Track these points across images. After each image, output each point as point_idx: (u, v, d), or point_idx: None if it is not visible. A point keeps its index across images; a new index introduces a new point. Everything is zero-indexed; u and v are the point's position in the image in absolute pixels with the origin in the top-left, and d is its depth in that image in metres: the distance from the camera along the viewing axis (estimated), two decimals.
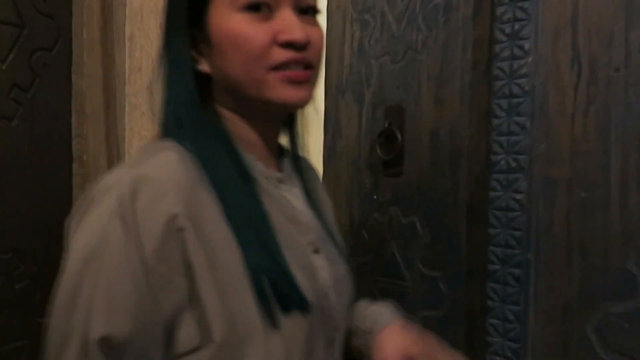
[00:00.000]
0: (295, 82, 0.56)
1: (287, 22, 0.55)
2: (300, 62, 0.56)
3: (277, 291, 0.50)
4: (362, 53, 1.10)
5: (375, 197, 1.08)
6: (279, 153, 0.68)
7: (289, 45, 0.55)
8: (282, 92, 0.56)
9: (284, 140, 0.72)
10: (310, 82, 0.58)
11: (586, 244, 0.84)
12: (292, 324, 0.52)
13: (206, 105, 0.59)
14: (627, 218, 0.80)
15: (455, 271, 0.95)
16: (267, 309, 0.50)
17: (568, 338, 0.85)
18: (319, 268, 0.61)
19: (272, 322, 0.50)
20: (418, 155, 1.00)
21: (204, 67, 0.59)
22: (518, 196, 0.86)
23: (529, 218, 0.87)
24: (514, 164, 0.87)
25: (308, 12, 0.59)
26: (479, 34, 0.92)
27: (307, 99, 0.58)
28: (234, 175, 0.54)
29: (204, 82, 0.60)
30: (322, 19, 1.14)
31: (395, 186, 1.05)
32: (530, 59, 0.85)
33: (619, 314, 0.81)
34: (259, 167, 0.61)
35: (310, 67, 0.57)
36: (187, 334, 0.49)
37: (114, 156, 1.19)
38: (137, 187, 0.48)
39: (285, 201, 0.62)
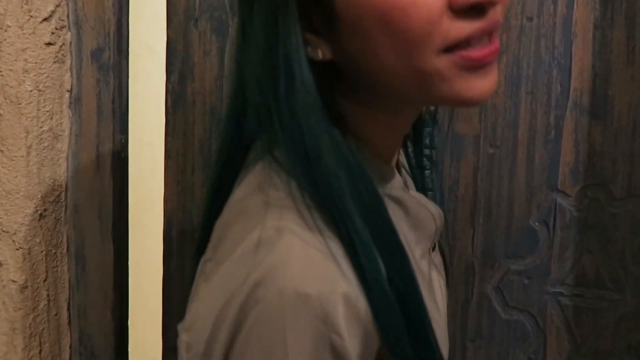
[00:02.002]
0: (480, 67, 0.35)
1: None
2: (487, 31, 0.35)
3: None
4: None
5: None
6: None
7: (471, 9, 0.33)
8: (462, 85, 0.34)
9: None
10: (497, 59, 0.37)
11: (491, 202, 0.81)
12: None
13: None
14: (531, 175, 0.79)
15: None
16: None
17: (469, 299, 0.82)
18: (434, 282, 0.48)
19: None
20: None
21: (324, 53, 0.37)
22: (430, 152, 0.79)
23: (439, 176, 0.81)
24: (425, 117, 0.80)
25: None
26: None
27: (496, 89, 0.37)
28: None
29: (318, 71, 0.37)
30: None
31: None
32: None
33: (519, 270, 0.81)
34: (386, 174, 0.43)
35: (495, 31, 0.36)
36: None
37: None
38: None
39: (424, 214, 0.46)
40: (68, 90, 0.77)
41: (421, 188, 0.57)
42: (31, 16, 0.72)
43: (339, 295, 0.32)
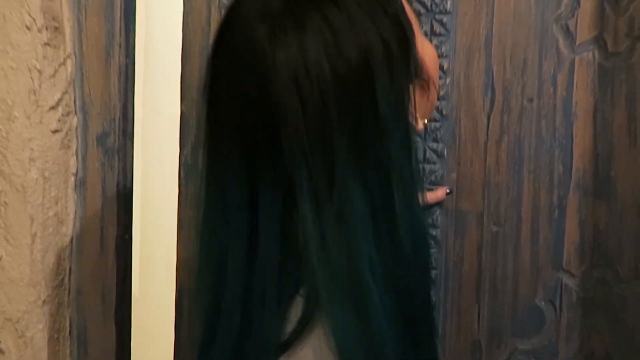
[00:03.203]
0: None
1: None
2: None
3: None
4: None
5: None
6: None
7: None
8: None
9: None
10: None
11: (496, 280, 0.80)
12: None
13: None
14: (536, 253, 0.79)
15: None
16: None
17: None
18: None
19: None
20: None
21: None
22: (434, 232, 0.79)
23: (443, 255, 0.81)
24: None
25: None
26: None
27: None
28: None
29: None
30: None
31: None
32: (449, 80, 0.78)
33: (526, 350, 0.79)
34: None
35: None
36: None
37: None
38: None
39: None
40: (73, 174, 0.78)
41: None
42: (38, 105, 0.73)
43: None
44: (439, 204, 0.80)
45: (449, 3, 0.75)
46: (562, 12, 0.75)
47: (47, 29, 0.73)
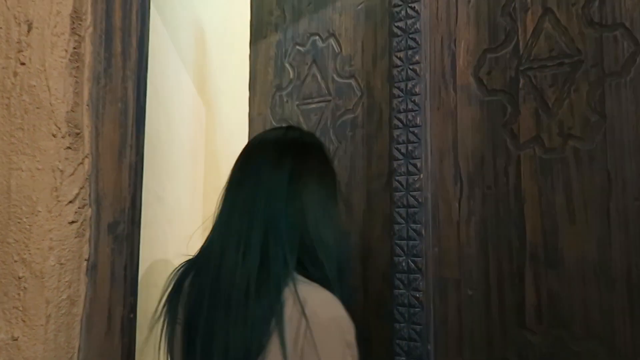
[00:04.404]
0: None
1: None
2: None
3: None
4: None
5: None
6: None
7: None
8: None
9: None
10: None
11: (474, 336, 0.91)
12: None
13: None
14: (503, 314, 0.90)
15: None
16: None
17: None
18: None
19: None
20: None
21: None
22: (417, 294, 0.91)
23: (427, 313, 0.92)
24: (413, 266, 0.93)
25: None
26: (379, 149, 1.03)
27: None
28: None
29: None
30: (244, 123, 1.16)
31: None
32: (422, 175, 0.93)
33: None
34: None
35: None
36: None
37: None
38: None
39: None
40: (86, 260, 0.85)
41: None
42: (59, 201, 0.81)
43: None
44: (420, 272, 0.93)
45: (418, 119, 0.96)
46: (507, 119, 0.92)
47: (69, 135, 0.82)
